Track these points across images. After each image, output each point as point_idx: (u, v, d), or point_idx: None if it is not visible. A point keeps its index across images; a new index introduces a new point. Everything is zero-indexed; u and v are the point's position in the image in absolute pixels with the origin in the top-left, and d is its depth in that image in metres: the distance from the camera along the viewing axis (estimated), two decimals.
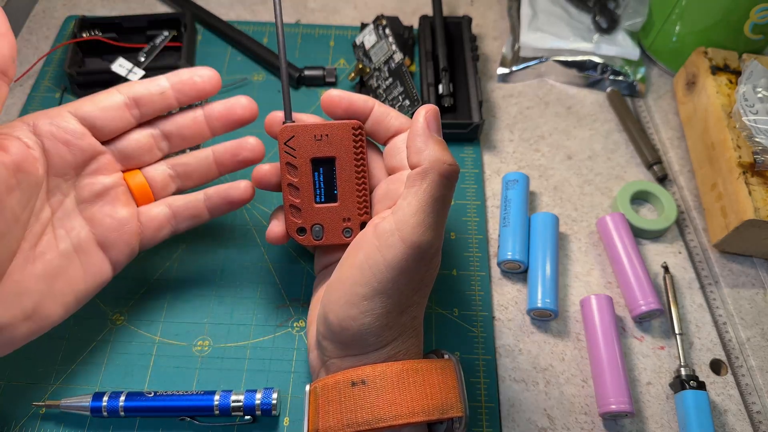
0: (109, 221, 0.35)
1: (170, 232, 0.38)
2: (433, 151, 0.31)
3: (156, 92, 0.35)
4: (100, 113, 0.34)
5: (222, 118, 0.37)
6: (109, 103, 0.35)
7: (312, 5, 0.58)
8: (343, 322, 0.30)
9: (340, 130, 0.35)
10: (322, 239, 0.36)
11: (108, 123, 0.35)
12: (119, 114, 0.35)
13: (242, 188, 0.37)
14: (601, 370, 0.37)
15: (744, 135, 0.43)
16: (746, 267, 0.44)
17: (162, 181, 0.37)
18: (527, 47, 0.53)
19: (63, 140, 0.33)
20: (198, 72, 0.36)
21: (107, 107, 0.34)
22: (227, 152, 0.37)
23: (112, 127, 0.35)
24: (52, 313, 0.32)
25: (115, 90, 0.35)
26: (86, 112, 0.34)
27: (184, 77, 0.36)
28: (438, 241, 0.31)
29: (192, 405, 0.35)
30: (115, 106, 0.35)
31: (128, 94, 0.35)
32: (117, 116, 0.35)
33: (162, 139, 0.37)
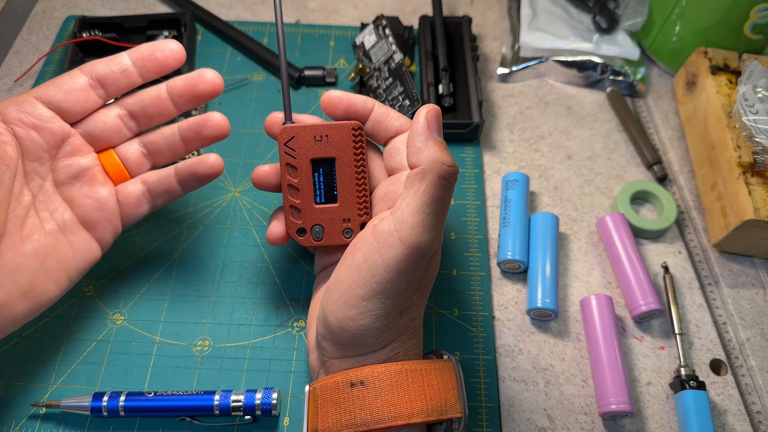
0: (89, 201, 0.35)
1: (149, 208, 0.38)
2: (433, 151, 0.31)
3: (118, 71, 0.35)
4: (65, 96, 0.34)
5: (184, 93, 0.36)
6: (73, 84, 0.35)
7: (312, 5, 0.58)
8: (342, 323, 0.30)
9: (340, 131, 0.35)
10: (322, 240, 0.36)
11: (73, 105, 0.35)
12: (84, 95, 0.35)
13: (209, 163, 0.37)
14: (601, 370, 0.37)
15: (744, 135, 0.43)
16: (746, 267, 0.44)
17: (135, 159, 0.38)
18: (527, 47, 0.53)
19: (32, 125, 0.34)
20: (159, 46, 0.36)
21: (71, 89, 0.35)
22: (191, 129, 0.37)
23: (77, 108, 0.35)
24: (47, 290, 0.33)
25: (78, 71, 0.35)
26: (51, 96, 0.34)
27: (145, 53, 0.36)
28: (437, 241, 0.31)
29: (192, 405, 0.35)
30: (79, 87, 0.35)
31: (91, 74, 0.35)
32: (82, 97, 0.35)
33: (129, 118, 0.37)
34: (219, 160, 0.37)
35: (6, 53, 0.53)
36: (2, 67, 0.52)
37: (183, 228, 0.44)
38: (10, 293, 0.32)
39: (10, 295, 0.32)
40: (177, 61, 0.36)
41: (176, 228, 0.44)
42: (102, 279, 0.41)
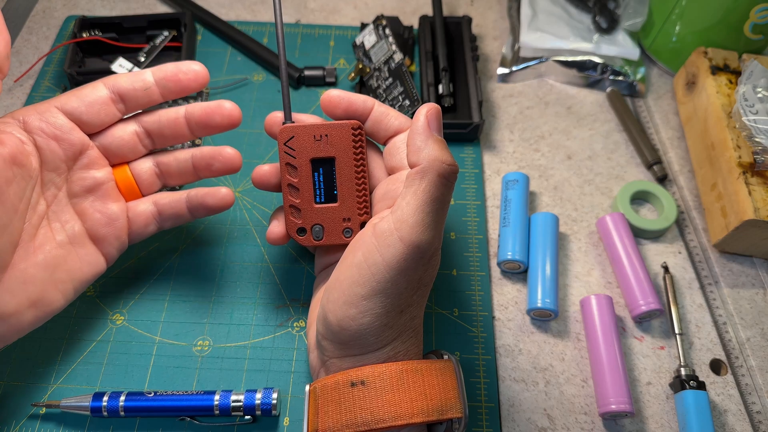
0: (99, 216, 0.35)
1: (156, 229, 0.38)
2: (433, 150, 0.31)
3: (140, 88, 0.35)
4: (86, 108, 0.34)
5: (201, 122, 0.36)
6: (94, 97, 0.35)
7: (312, 5, 0.58)
8: (342, 322, 0.30)
9: (339, 131, 0.35)
10: (322, 239, 0.36)
11: (93, 117, 0.35)
12: (104, 108, 0.35)
13: (220, 196, 0.37)
14: (601, 370, 0.37)
15: (744, 135, 0.43)
16: (746, 267, 0.44)
17: (148, 178, 0.38)
18: (527, 47, 0.53)
19: (52, 135, 0.34)
20: (183, 68, 0.36)
21: (93, 102, 0.35)
22: (204, 159, 0.37)
23: (97, 121, 0.35)
24: (54, 300, 0.33)
25: (100, 83, 0.35)
26: (73, 107, 0.34)
27: (169, 73, 0.36)
28: (437, 240, 0.31)
29: (192, 405, 0.35)
30: (100, 100, 0.35)
31: (113, 88, 0.35)
32: (102, 111, 0.35)
33: (146, 136, 0.37)
34: (230, 194, 0.37)
35: None
36: None
37: (183, 228, 0.44)
38: (20, 303, 0.32)
39: (19, 304, 0.31)
40: (199, 84, 0.36)
41: (176, 228, 0.43)
42: (102, 279, 0.41)
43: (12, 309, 0.31)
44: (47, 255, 0.33)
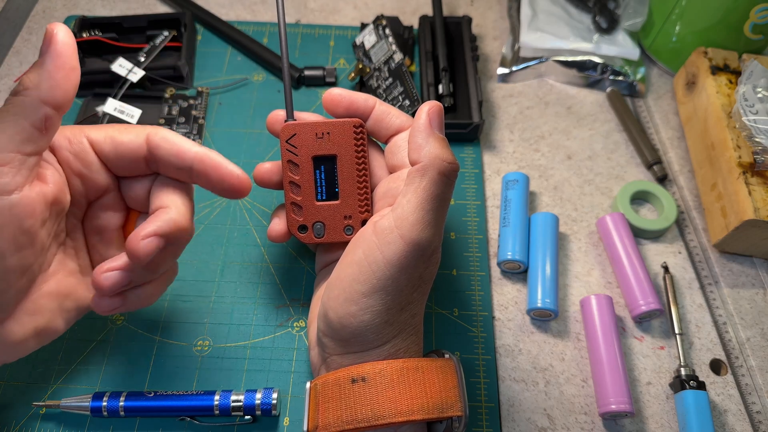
0: (100, 258, 0.34)
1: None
2: (434, 148, 0.31)
3: (177, 165, 0.32)
4: (117, 159, 0.33)
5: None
6: (130, 150, 0.32)
7: (312, 5, 0.58)
8: (343, 319, 0.31)
9: (341, 129, 0.35)
10: (324, 237, 0.36)
11: (121, 169, 0.33)
12: (134, 165, 0.33)
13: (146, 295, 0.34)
14: (601, 370, 0.37)
15: (744, 135, 0.43)
16: (746, 267, 0.44)
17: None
18: (527, 47, 0.53)
19: (78, 172, 0.32)
20: (225, 168, 0.33)
21: (125, 154, 0.32)
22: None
23: (123, 171, 0.34)
24: (58, 328, 0.33)
25: (143, 138, 0.32)
26: (105, 152, 0.33)
27: (210, 166, 0.32)
28: (437, 238, 0.31)
29: (192, 405, 0.35)
30: (134, 156, 0.32)
31: (153, 149, 0.32)
32: (131, 166, 0.33)
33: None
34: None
35: (6, 53, 0.53)
36: (2, 67, 0.52)
37: None
38: (26, 332, 0.31)
39: (26, 333, 0.31)
40: (235, 192, 0.33)
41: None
42: None
43: (19, 338, 0.31)
44: (59, 284, 0.32)
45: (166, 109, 0.49)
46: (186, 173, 0.33)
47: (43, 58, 0.28)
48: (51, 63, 0.28)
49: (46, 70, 0.28)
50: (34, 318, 0.31)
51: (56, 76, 0.28)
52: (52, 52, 0.28)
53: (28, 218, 0.28)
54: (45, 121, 0.28)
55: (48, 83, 0.28)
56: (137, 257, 0.29)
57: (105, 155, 0.33)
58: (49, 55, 0.28)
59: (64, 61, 0.28)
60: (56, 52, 0.28)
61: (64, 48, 0.28)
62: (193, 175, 0.33)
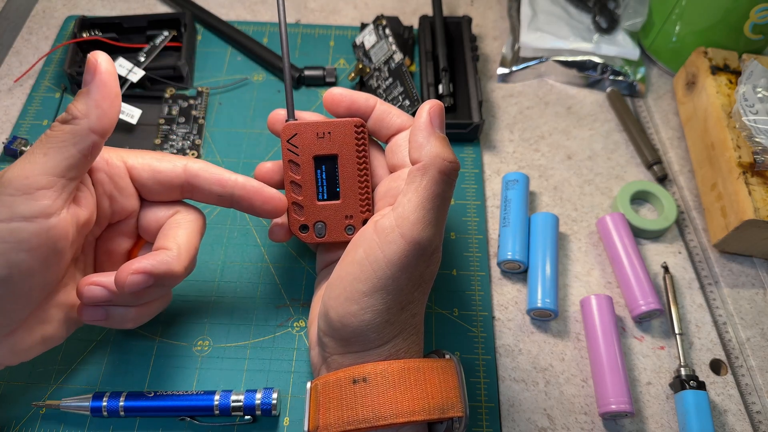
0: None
1: None
2: (434, 147, 0.31)
3: (215, 192, 0.34)
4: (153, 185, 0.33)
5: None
6: (168, 178, 0.33)
7: (312, 5, 0.58)
8: (344, 319, 0.31)
9: (342, 128, 0.35)
10: (325, 237, 0.36)
11: (154, 195, 0.34)
12: (169, 191, 0.34)
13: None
14: (601, 370, 0.37)
15: (744, 135, 0.43)
16: (746, 267, 0.44)
17: None
18: (527, 47, 0.53)
19: (109, 194, 0.33)
20: (266, 193, 0.34)
21: (162, 181, 0.33)
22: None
23: (156, 198, 0.34)
24: (61, 336, 0.33)
25: (181, 168, 0.33)
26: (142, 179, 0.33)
27: (249, 191, 0.34)
28: (438, 237, 0.31)
29: (192, 405, 0.35)
30: (171, 184, 0.34)
31: (191, 178, 0.33)
32: (165, 192, 0.34)
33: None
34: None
35: (6, 53, 0.53)
36: (2, 67, 0.52)
37: None
38: (35, 339, 0.32)
39: (34, 340, 0.32)
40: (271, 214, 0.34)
41: None
42: None
43: (27, 345, 0.31)
44: (68, 296, 0.33)
45: (166, 109, 0.49)
46: (227, 199, 0.34)
47: (89, 88, 0.29)
48: (97, 92, 0.29)
49: (93, 99, 0.29)
50: (43, 327, 0.32)
51: (103, 105, 0.29)
52: (98, 82, 0.29)
53: (61, 240, 0.29)
54: (92, 148, 0.29)
55: (96, 112, 0.29)
56: (121, 287, 0.30)
57: (142, 181, 0.34)
58: (95, 84, 0.29)
59: (109, 90, 0.29)
60: (102, 81, 0.29)
61: (108, 77, 0.29)
62: (234, 201, 0.34)
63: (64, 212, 0.29)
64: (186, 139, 0.48)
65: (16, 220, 0.28)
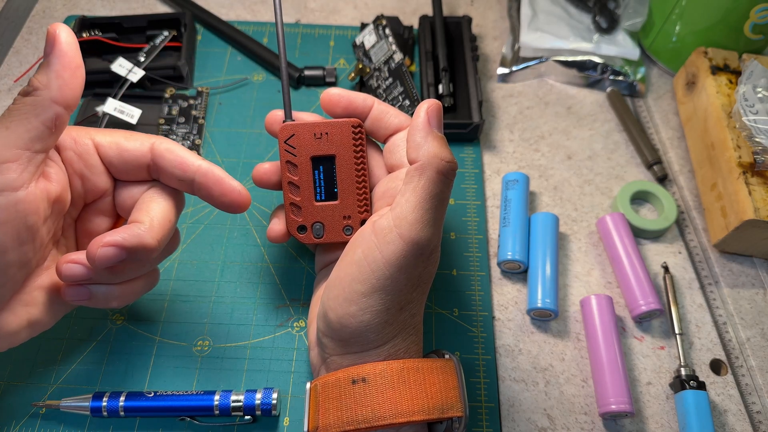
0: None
1: None
2: (432, 147, 0.31)
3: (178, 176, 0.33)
4: (120, 165, 0.33)
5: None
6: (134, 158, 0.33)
7: (312, 5, 0.58)
8: (343, 320, 0.31)
9: (339, 129, 0.35)
10: (323, 237, 0.36)
11: (123, 174, 0.34)
12: (136, 171, 0.34)
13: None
14: (601, 370, 0.37)
15: (744, 135, 0.43)
16: (746, 267, 0.44)
17: None
18: (527, 47, 0.53)
19: (80, 173, 0.33)
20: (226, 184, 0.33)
21: (129, 161, 0.33)
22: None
23: (124, 176, 0.34)
24: (49, 320, 0.33)
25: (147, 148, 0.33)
26: (109, 157, 0.33)
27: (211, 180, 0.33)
28: (436, 237, 0.31)
29: (192, 405, 0.35)
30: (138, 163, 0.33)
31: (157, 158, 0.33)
32: (133, 172, 0.34)
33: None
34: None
35: (6, 53, 0.53)
36: (2, 67, 0.52)
37: (183, 228, 0.44)
38: (20, 323, 0.32)
39: (20, 324, 0.32)
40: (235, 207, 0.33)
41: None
42: None
43: (12, 329, 0.31)
44: (51, 278, 0.33)
45: (166, 109, 0.49)
46: (188, 185, 0.33)
47: (49, 59, 0.29)
48: (57, 63, 0.29)
49: (53, 70, 0.29)
50: (28, 309, 0.32)
51: (64, 75, 0.29)
52: (57, 52, 0.29)
53: (31, 215, 0.29)
54: (55, 119, 0.29)
55: (57, 83, 0.29)
56: (92, 261, 0.30)
57: (109, 159, 0.33)
58: (54, 55, 0.29)
59: (69, 60, 0.29)
60: (61, 51, 0.29)
61: (68, 47, 0.29)
62: (195, 187, 0.33)
63: (33, 186, 0.29)
64: (186, 139, 0.48)
65: None
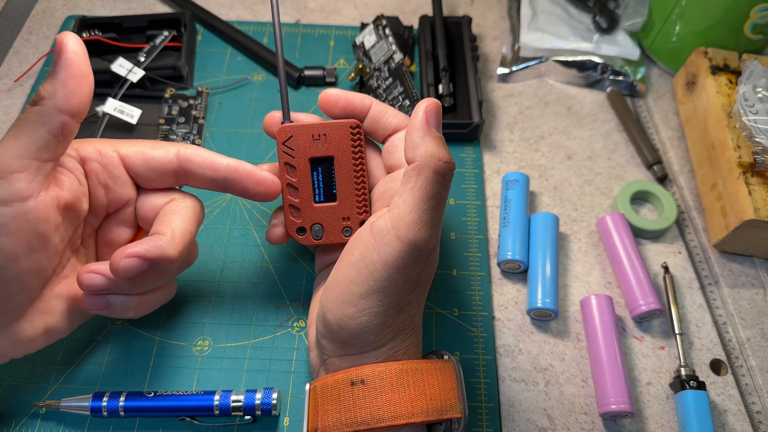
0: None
1: None
2: (429, 147, 0.30)
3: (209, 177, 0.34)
4: (147, 173, 0.34)
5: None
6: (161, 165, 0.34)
7: (312, 5, 0.58)
8: (341, 321, 0.30)
9: (337, 130, 0.35)
10: (322, 239, 0.36)
11: (149, 183, 0.34)
12: (163, 178, 0.34)
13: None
14: (601, 370, 0.37)
15: (744, 135, 0.43)
16: (746, 267, 0.44)
17: None
18: (527, 47, 0.53)
19: (104, 183, 0.33)
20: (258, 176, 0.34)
21: (156, 169, 0.34)
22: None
23: (151, 185, 0.35)
24: (66, 328, 0.34)
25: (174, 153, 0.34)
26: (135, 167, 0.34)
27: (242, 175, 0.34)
28: (434, 238, 0.31)
29: (192, 405, 0.35)
30: (165, 170, 0.34)
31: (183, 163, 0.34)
32: (160, 180, 0.34)
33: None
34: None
35: (6, 53, 0.53)
36: (2, 67, 0.52)
37: None
38: (37, 331, 0.32)
39: (36, 332, 0.32)
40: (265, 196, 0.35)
41: None
42: None
43: (29, 336, 0.32)
44: (69, 287, 0.33)
45: (166, 109, 0.49)
46: (220, 184, 0.34)
47: (56, 68, 0.29)
48: (63, 72, 0.29)
49: (59, 80, 0.29)
50: (44, 318, 0.32)
51: (69, 84, 0.29)
52: (64, 62, 0.29)
53: (42, 223, 0.30)
54: (62, 128, 0.29)
55: (63, 91, 0.29)
56: (115, 271, 0.30)
57: (136, 169, 0.34)
58: (60, 64, 0.29)
59: (75, 69, 0.29)
60: (67, 61, 0.29)
61: (74, 56, 0.29)
62: (228, 184, 0.34)
63: (43, 195, 0.29)
64: (186, 139, 0.48)
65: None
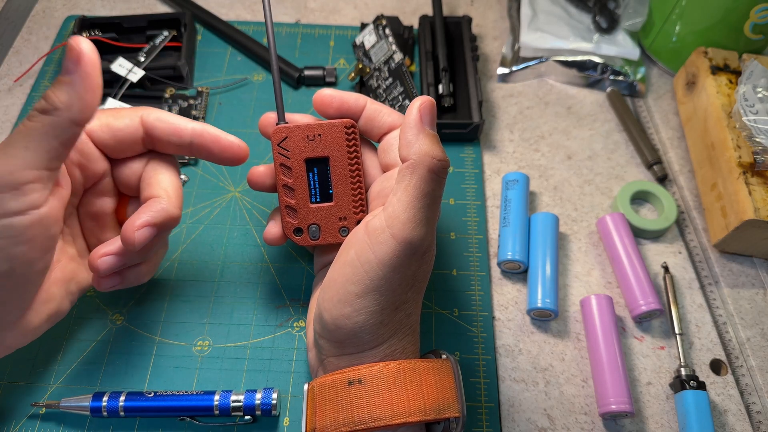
0: (96, 242, 0.36)
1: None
2: (423, 144, 0.30)
3: (174, 142, 0.34)
4: (115, 143, 0.34)
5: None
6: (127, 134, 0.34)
7: (312, 5, 0.58)
8: (338, 321, 0.30)
9: (332, 130, 0.35)
10: (319, 239, 0.36)
11: (119, 153, 0.35)
12: (132, 146, 0.34)
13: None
14: (601, 370, 0.37)
15: (744, 135, 0.43)
16: (746, 267, 0.44)
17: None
18: (527, 47, 0.53)
19: (77, 163, 0.33)
20: (223, 140, 0.34)
21: (124, 138, 0.34)
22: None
23: (121, 155, 0.35)
24: (66, 309, 0.34)
25: (138, 120, 0.34)
26: (103, 140, 0.34)
27: (208, 139, 0.34)
28: (430, 236, 0.30)
29: (192, 405, 0.35)
30: (132, 138, 0.34)
31: (149, 130, 0.34)
32: (129, 148, 0.34)
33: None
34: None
35: (6, 53, 0.53)
36: (2, 67, 0.52)
37: (183, 228, 0.44)
38: (41, 319, 0.33)
39: (41, 320, 0.33)
40: (234, 160, 0.35)
41: (176, 228, 0.43)
42: None
43: (35, 325, 0.32)
44: (64, 270, 0.34)
45: (165, 109, 0.49)
46: (186, 149, 0.34)
47: (73, 78, 0.28)
48: (81, 84, 0.28)
49: (76, 92, 0.28)
50: (47, 305, 0.33)
51: (87, 98, 0.28)
52: (82, 73, 0.28)
53: (54, 225, 0.30)
54: (73, 138, 0.29)
55: (79, 104, 0.28)
56: (132, 245, 0.31)
57: (104, 143, 0.34)
58: (78, 75, 0.28)
59: (93, 82, 0.28)
60: (86, 72, 0.28)
61: (93, 69, 0.28)
62: (194, 149, 0.34)
63: (51, 198, 0.30)
64: None
65: (9, 216, 0.28)
